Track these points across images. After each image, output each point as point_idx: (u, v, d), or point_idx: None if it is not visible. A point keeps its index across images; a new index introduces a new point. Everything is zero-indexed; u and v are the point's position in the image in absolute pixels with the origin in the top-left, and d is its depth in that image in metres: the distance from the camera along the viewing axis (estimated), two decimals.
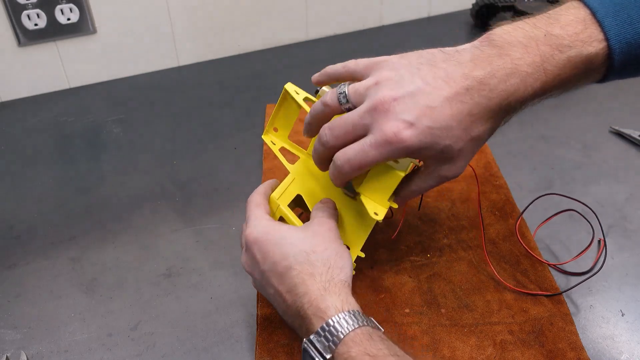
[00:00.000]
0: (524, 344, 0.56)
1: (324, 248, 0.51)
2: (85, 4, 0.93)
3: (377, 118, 0.48)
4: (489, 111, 0.48)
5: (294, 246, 0.50)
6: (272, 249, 0.51)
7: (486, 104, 0.48)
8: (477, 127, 0.49)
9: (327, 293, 0.47)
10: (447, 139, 0.48)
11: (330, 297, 0.47)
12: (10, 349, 0.58)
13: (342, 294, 0.48)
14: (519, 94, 0.48)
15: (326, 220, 0.55)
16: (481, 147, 0.52)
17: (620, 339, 0.57)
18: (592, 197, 0.74)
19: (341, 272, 0.50)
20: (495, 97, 0.48)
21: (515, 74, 0.47)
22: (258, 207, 0.56)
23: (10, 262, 0.68)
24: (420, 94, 0.48)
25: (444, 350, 0.56)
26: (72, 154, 0.86)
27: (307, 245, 0.51)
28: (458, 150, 0.49)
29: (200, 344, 0.58)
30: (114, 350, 0.58)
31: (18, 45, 0.92)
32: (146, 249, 0.69)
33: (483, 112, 0.48)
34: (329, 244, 0.52)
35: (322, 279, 0.48)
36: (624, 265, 0.65)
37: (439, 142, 0.48)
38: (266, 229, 0.53)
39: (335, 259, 0.51)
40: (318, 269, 0.49)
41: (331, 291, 0.48)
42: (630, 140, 0.83)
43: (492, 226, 0.69)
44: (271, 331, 0.58)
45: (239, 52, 1.09)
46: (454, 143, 0.48)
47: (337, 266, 0.50)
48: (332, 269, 0.50)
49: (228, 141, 0.87)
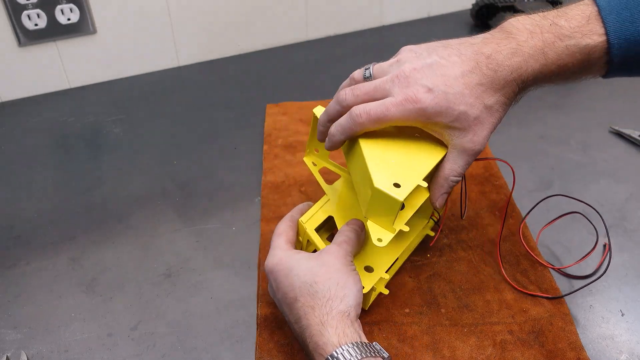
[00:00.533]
0: (524, 344, 0.56)
1: (327, 278, 0.52)
2: (86, 4, 0.93)
3: (397, 83, 0.53)
4: (496, 83, 0.52)
5: (298, 277, 0.52)
6: (282, 280, 0.53)
7: (493, 76, 0.52)
8: (488, 96, 0.52)
9: (324, 327, 0.48)
10: (461, 105, 0.52)
11: (327, 332, 0.48)
12: (11, 349, 0.58)
13: (339, 327, 0.48)
14: (522, 72, 0.52)
15: (337, 248, 0.55)
16: (497, 122, 0.54)
17: (620, 339, 0.57)
18: (592, 197, 0.74)
19: (341, 302, 0.50)
20: (501, 70, 0.52)
21: (518, 53, 0.52)
22: (279, 237, 0.58)
23: (10, 262, 0.68)
24: (437, 66, 0.53)
25: (444, 350, 0.56)
26: (72, 154, 0.86)
27: (310, 276, 0.52)
28: (474, 118, 0.52)
29: (200, 344, 0.58)
30: (114, 350, 0.58)
31: (18, 45, 0.92)
32: (146, 249, 0.69)
33: (491, 83, 0.52)
34: (333, 274, 0.52)
35: (321, 311, 0.49)
36: (624, 266, 0.65)
37: (454, 107, 0.52)
38: (279, 260, 0.55)
39: (337, 289, 0.51)
40: (318, 301, 0.50)
41: (328, 324, 0.48)
42: (630, 140, 0.83)
43: (492, 226, 0.69)
44: (271, 331, 0.58)
45: (239, 52, 1.09)
46: (469, 109, 0.52)
47: (338, 296, 0.50)
48: (331, 300, 0.50)
49: (228, 141, 0.87)
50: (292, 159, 0.81)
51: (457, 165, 0.54)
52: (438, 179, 0.55)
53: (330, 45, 1.11)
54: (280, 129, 0.87)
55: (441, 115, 0.52)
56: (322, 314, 0.49)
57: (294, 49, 1.10)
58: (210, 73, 1.04)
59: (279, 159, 0.81)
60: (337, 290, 0.51)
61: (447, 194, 0.56)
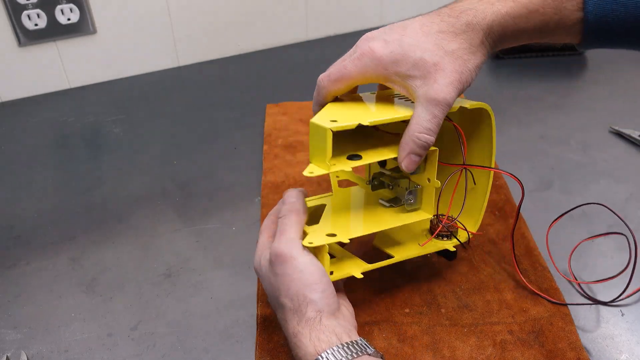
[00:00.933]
0: (524, 343, 0.56)
1: (286, 289, 0.50)
2: (86, 4, 0.93)
3: (359, 45, 0.53)
4: (457, 28, 0.51)
5: (267, 291, 0.53)
6: (267, 284, 0.53)
7: (454, 22, 0.51)
8: (448, 42, 0.51)
9: (298, 339, 0.48)
10: (418, 51, 0.50)
11: (302, 343, 0.47)
12: (11, 349, 0.58)
13: (312, 334, 0.47)
14: (487, 15, 0.51)
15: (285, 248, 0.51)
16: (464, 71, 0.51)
17: (620, 339, 0.57)
18: (592, 197, 0.74)
19: (308, 308, 0.49)
20: (462, 15, 0.51)
21: (490, 8, 0.52)
22: (261, 234, 0.57)
23: (10, 262, 0.68)
24: (396, 25, 0.53)
25: (444, 350, 0.56)
26: (72, 154, 0.86)
27: (273, 291, 0.51)
28: (433, 64, 0.50)
29: (200, 344, 0.58)
30: (114, 350, 0.58)
31: (18, 45, 0.92)
32: (146, 249, 0.69)
33: (452, 28, 0.51)
34: (291, 284, 0.50)
35: (292, 323, 0.49)
36: (624, 265, 0.65)
37: (410, 54, 0.50)
38: (256, 264, 0.54)
39: (299, 299, 0.49)
40: (288, 315, 0.49)
41: (301, 335, 0.48)
42: (630, 140, 0.83)
43: (492, 226, 0.69)
44: (271, 331, 0.58)
45: (239, 52, 1.09)
46: (426, 55, 0.50)
47: (303, 305, 0.49)
48: (298, 311, 0.49)
49: (228, 141, 0.87)
50: (292, 159, 0.81)
51: (422, 119, 0.50)
52: (404, 137, 0.51)
53: (330, 45, 1.11)
54: (280, 129, 0.87)
55: (398, 63, 0.50)
56: (293, 326, 0.48)
57: (294, 49, 1.10)
58: (210, 73, 1.04)
59: (279, 159, 0.81)
60: (299, 300, 0.49)
61: (416, 156, 0.51)
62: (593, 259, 0.65)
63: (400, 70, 0.51)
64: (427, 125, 0.50)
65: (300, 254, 0.50)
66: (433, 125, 0.50)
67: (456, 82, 0.50)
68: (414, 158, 0.51)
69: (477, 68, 0.52)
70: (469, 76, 0.52)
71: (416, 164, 0.52)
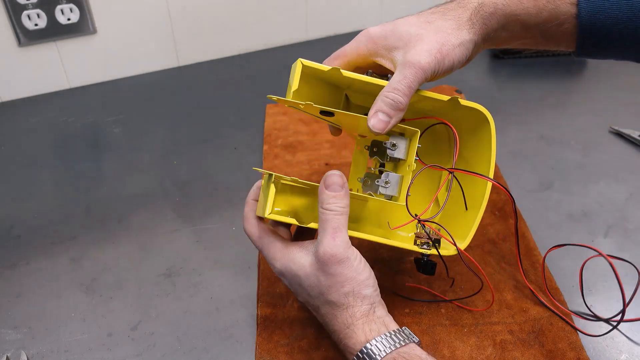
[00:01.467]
0: (524, 343, 0.56)
1: (339, 288, 0.50)
2: (86, 4, 0.93)
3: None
4: (447, 7, 0.55)
5: (312, 290, 0.51)
6: (298, 288, 0.53)
7: (447, 4, 0.55)
8: (436, 19, 0.54)
9: (350, 329, 0.49)
10: (405, 26, 0.54)
11: (354, 333, 0.49)
12: (11, 349, 0.58)
13: (365, 326, 0.49)
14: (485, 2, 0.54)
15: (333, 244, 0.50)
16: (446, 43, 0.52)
17: (620, 339, 0.57)
18: (592, 197, 0.74)
19: (362, 303, 0.50)
20: (460, 1, 0.55)
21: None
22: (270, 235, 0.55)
23: (10, 262, 0.68)
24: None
25: (444, 350, 0.56)
26: (72, 154, 0.86)
27: (320, 289, 0.51)
28: (416, 34, 0.52)
29: (200, 344, 0.58)
30: (114, 350, 0.58)
31: (18, 45, 0.92)
32: (146, 249, 0.69)
33: (442, 9, 0.55)
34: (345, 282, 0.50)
35: (344, 318, 0.50)
36: (624, 265, 0.65)
37: (398, 29, 0.54)
38: (283, 265, 0.53)
39: (354, 296, 0.50)
40: (339, 311, 0.50)
41: (354, 326, 0.49)
42: (630, 140, 0.83)
43: (492, 226, 0.69)
44: (271, 331, 0.58)
45: (239, 52, 1.09)
46: (412, 29, 0.53)
47: (357, 300, 0.50)
48: (351, 307, 0.50)
49: (228, 141, 0.87)
50: (292, 159, 0.81)
51: (394, 80, 0.52)
52: (387, 92, 0.52)
53: (330, 45, 1.10)
54: (280, 129, 0.87)
55: (386, 37, 0.54)
56: (346, 319, 0.49)
57: (294, 49, 1.10)
58: (210, 73, 1.04)
59: (279, 159, 0.81)
60: (354, 296, 0.50)
61: (384, 115, 0.52)
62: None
63: (387, 43, 0.54)
64: (395, 85, 0.51)
65: (354, 255, 0.51)
66: (402, 85, 0.51)
67: (434, 51, 0.52)
68: (381, 116, 0.52)
69: (462, 45, 0.53)
70: (452, 50, 0.52)
71: (383, 123, 0.52)
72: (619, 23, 0.52)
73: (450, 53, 0.52)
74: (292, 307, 0.61)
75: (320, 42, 1.12)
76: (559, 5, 0.53)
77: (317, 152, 0.82)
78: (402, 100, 0.51)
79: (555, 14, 0.53)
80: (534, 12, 0.53)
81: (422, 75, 0.51)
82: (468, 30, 0.53)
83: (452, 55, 0.52)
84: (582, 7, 0.52)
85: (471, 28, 0.53)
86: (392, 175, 0.55)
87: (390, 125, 0.52)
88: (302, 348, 0.57)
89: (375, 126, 0.52)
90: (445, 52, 0.52)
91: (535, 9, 0.53)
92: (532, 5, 0.53)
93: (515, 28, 0.55)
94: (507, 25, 0.54)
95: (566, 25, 0.54)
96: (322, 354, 0.56)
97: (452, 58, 0.52)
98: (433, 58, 0.51)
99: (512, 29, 0.55)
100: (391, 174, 0.55)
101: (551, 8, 0.53)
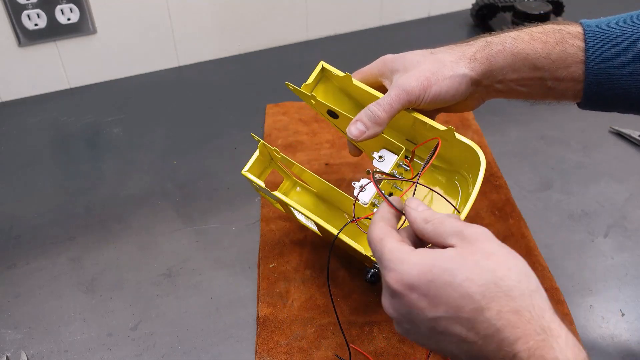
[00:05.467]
0: None
1: (506, 268, 0.39)
2: (86, 4, 0.93)
3: None
4: (458, 43, 0.58)
5: (472, 281, 0.38)
6: (444, 293, 0.39)
7: (458, 43, 0.58)
8: (441, 51, 0.57)
9: (549, 335, 0.36)
10: (412, 54, 0.57)
11: (556, 343, 0.36)
12: (11, 349, 0.58)
13: (569, 338, 0.37)
14: (487, 35, 0.57)
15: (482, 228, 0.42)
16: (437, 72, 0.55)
17: (620, 339, 0.57)
18: (592, 197, 0.74)
19: (539, 294, 0.38)
20: (473, 38, 0.57)
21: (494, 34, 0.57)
22: (389, 238, 0.43)
23: (10, 262, 0.68)
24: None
25: None
26: (72, 154, 0.86)
27: (486, 273, 0.38)
28: (416, 62, 0.56)
29: (200, 344, 0.58)
30: (114, 350, 0.58)
31: (18, 45, 0.92)
32: (146, 249, 0.69)
33: (452, 45, 0.58)
34: (507, 259, 0.39)
35: (533, 313, 0.37)
36: (624, 265, 0.65)
37: (407, 56, 0.57)
38: (420, 267, 0.40)
39: (527, 278, 0.39)
40: (521, 301, 0.37)
41: (554, 333, 0.37)
42: (630, 140, 0.83)
43: (492, 226, 0.69)
44: (271, 331, 0.58)
45: (239, 52, 1.09)
46: (416, 57, 0.56)
47: (531, 285, 0.38)
48: (533, 294, 0.38)
49: (228, 141, 0.87)
50: (292, 158, 0.81)
51: (382, 97, 0.55)
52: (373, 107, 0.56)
53: (330, 45, 1.11)
54: (280, 129, 0.87)
55: (394, 62, 0.57)
56: (536, 316, 0.37)
57: (294, 49, 1.10)
58: (210, 73, 1.04)
59: None
60: (527, 281, 0.38)
61: (361, 124, 0.55)
62: (593, 259, 0.65)
63: (393, 66, 0.57)
64: (379, 101, 0.55)
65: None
66: (384, 101, 0.55)
67: (422, 78, 0.54)
68: (359, 125, 0.55)
69: (453, 77, 0.55)
70: (441, 80, 0.54)
71: (358, 131, 0.55)
72: (626, 69, 0.52)
73: (438, 83, 0.54)
74: (292, 307, 0.61)
75: (320, 42, 1.12)
76: (567, 48, 0.54)
77: (317, 152, 0.82)
78: (380, 115, 0.54)
79: (564, 57, 0.54)
80: (543, 53, 0.54)
81: (404, 97, 0.54)
82: (466, 66, 0.55)
83: (439, 85, 0.54)
84: (590, 51, 0.53)
85: (470, 64, 0.55)
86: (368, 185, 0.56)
87: (366, 135, 0.55)
88: (302, 348, 0.57)
89: (352, 132, 0.55)
90: (433, 81, 0.54)
91: (544, 50, 0.54)
92: (541, 46, 0.54)
93: (524, 68, 0.55)
94: (515, 64, 0.55)
95: (573, 68, 0.54)
96: (322, 354, 0.56)
97: (439, 88, 0.54)
98: (419, 84, 0.54)
99: (520, 68, 0.55)
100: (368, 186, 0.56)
101: (560, 50, 0.54)
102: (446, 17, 1.18)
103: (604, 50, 0.52)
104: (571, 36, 0.54)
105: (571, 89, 0.55)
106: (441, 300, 0.39)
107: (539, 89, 0.57)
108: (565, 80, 0.55)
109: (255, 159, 0.64)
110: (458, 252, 0.40)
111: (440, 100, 0.55)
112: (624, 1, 0.84)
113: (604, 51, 0.52)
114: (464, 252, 0.40)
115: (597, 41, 0.52)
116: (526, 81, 0.56)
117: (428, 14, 1.18)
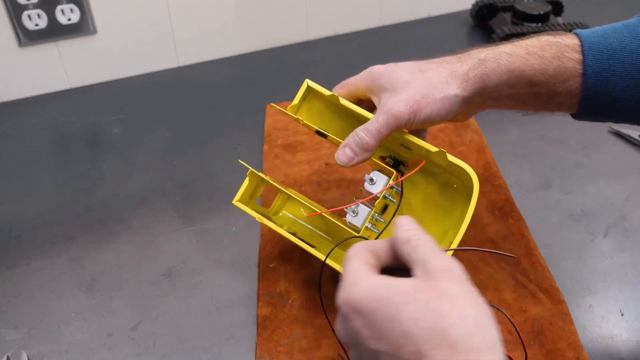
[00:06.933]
0: (524, 343, 0.56)
1: (461, 318, 0.36)
2: (86, 4, 0.93)
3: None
4: (448, 59, 0.56)
5: (416, 322, 0.36)
6: (388, 326, 0.37)
7: (447, 57, 0.56)
8: (431, 69, 0.55)
9: None
10: (400, 70, 0.55)
11: None
12: (11, 349, 0.58)
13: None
14: (482, 51, 0.55)
15: (453, 263, 0.39)
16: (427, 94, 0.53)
17: (620, 339, 0.57)
18: (592, 197, 0.74)
19: (492, 352, 0.35)
20: (464, 52, 0.56)
21: (488, 48, 0.55)
22: (356, 258, 0.42)
23: (10, 262, 0.68)
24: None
25: None
26: (72, 154, 0.86)
27: (434, 318, 0.36)
28: (405, 81, 0.54)
29: (200, 344, 0.58)
30: (114, 350, 0.58)
31: (19, 46, 0.92)
32: (146, 249, 0.69)
33: (440, 60, 0.56)
34: (466, 310, 0.37)
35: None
36: (624, 265, 0.65)
37: (395, 71, 0.55)
38: (370, 295, 0.38)
39: (481, 333, 0.36)
40: (466, 357, 0.35)
41: None
42: (629, 140, 0.83)
43: (492, 226, 0.69)
44: (271, 331, 0.58)
45: (239, 52, 1.09)
46: (405, 74, 0.54)
47: (485, 342, 0.36)
48: (479, 352, 0.35)
49: (228, 141, 0.87)
50: (292, 159, 0.81)
51: (369, 122, 0.54)
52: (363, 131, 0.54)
53: (330, 45, 1.11)
54: (280, 129, 0.87)
55: (382, 77, 0.55)
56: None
57: (294, 49, 1.10)
58: (210, 73, 1.04)
59: (279, 159, 0.81)
60: (482, 335, 0.36)
61: (349, 150, 0.54)
62: (593, 259, 0.65)
63: (381, 83, 0.55)
64: (367, 126, 0.54)
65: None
66: (371, 127, 0.53)
67: (411, 102, 0.53)
68: (347, 151, 0.54)
69: (444, 99, 0.53)
70: (431, 103, 0.53)
71: (347, 158, 0.54)
72: (624, 80, 0.51)
73: (429, 105, 0.53)
74: (292, 307, 0.61)
75: (320, 42, 1.12)
76: (565, 62, 0.52)
77: (317, 152, 0.82)
78: (368, 141, 0.53)
79: (561, 71, 0.52)
80: (540, 68, 0.53)
81: (393, 122, 0.53)
82: (457, 86, 0.54)
83: (429, 108, 0.53)
84: (588, 64, 0.52)
85: (462, 83, 0.54)
86: (361, 207, 0.57)
87: (355, 161, 0.54)
88: (302, 348, 0.57)
89: (340, 159, 0.54)
90: (423, 104, 0.53)
91: (541, 66, 0.53)
92: (537, 61, 0.53)
93: (520, 84, 0.54)
94: (510, 80, 0.54)
95: (570, 82, 0.53)
96: (322, 354, 0.56)
97: (430, 111, 0.53)
98: (408, 108, 0.52)
99: (516, 84, 0.54)
100: (361, 206, 0.57)
101: (557, 65, 0.52)
102: (446, 17, 1.18)
103: (602, 62, 0.51)
104: (568, 49, 0.52)
105: (567, 102, 0.54)
106: (384, 333, 0.37)
107: (534, 103, 0.56)
108: (562, 94, 0.54)
109: (246, 187, 0.62)
110: (413, 286, 0.38)
111: (430, 122, 0.54)
112: (623, 1, 0.84)
113: (603, 63, 0.51)
114: (420, 287, 0.38)
115: (595, 53, 0.51)
116: (521, 96, 0.55)
117: (428, 14, 1.18)
